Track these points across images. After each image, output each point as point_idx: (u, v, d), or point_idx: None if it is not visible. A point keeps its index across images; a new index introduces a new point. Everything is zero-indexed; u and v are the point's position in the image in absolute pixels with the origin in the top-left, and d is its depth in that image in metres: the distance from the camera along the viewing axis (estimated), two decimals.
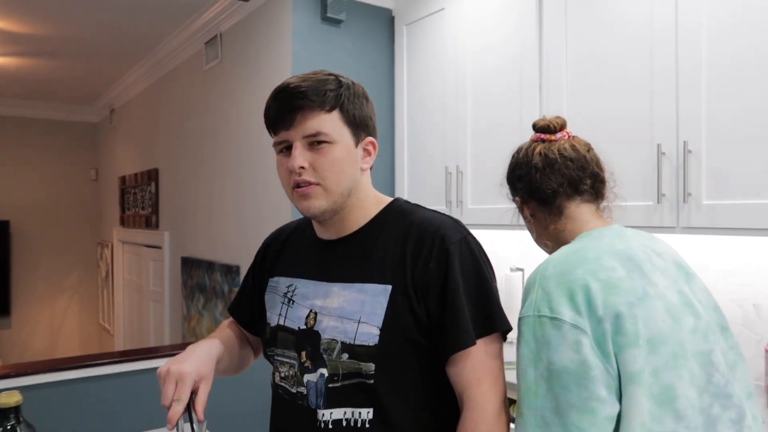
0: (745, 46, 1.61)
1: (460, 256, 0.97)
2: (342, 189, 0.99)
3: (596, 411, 0.84)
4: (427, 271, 0.96)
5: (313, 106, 0.96)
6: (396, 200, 1.09)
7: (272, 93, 1.00)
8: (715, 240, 1.99)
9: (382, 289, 0.97)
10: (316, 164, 0.97)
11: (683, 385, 0.87)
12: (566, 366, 0.86)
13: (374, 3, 2.86)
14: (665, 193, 1.78)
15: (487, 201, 2.37)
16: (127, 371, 2.26)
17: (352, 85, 1.02)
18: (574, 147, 1.10)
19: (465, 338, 0.93)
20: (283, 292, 1.10)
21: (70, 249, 6.20)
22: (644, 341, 0.86)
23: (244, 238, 3.13)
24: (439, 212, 1.06)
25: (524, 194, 1.13)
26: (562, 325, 0.87)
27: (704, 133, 1.69)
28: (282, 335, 1.07)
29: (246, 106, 3.10)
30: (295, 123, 0.97)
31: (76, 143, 6.26)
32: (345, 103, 0.99)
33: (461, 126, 2.47)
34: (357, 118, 1.01)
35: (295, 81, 0.98)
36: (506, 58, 2.30)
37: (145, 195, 4.72)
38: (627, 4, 1.90)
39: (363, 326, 0.96)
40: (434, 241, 0.98)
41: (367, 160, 1.05)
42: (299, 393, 1.02)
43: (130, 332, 5.26)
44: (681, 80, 1.74)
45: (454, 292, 0.94)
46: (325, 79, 0.99)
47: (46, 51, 4.19)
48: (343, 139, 0.99)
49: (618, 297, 0.88)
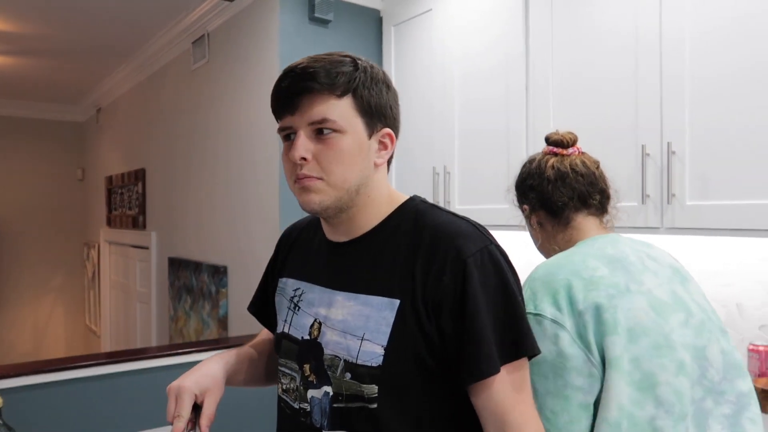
0: (727, 55, 1.63)
1: (480, 269, 0.83)
2: (348, 185, 0.88)
3: (570, 398, 0.92)
4: (440, 286, 0.84)
5: (322, 90, 0.85)
6: (411, 199, 0.96)
7: (281, 74, 0.89)
8: (699, 240, 2.01)
9: (389, 303, 0.86)
10: (320, 156, 0.86)
11: (666, 374, 0.92)
12: (545, 357, 0.93)
13: (362, 3, 2.86)
14: (650, 194, 1.80)
15: (474, 201, 2.38)
16: (113, 373, 2.24)
17: (370, 69, 0.90)
18: (584, 163, 1.17)
19: (486, 366, 0.81)
20: (290, 296, 1.02)
21: (55, 249, 6.14)
22: (623, 330, 0.93)
23: (232, 239, 3.12)
24: (458, 215, 0.92)
25: (534, 203, 1.19)
26: (542, 320, 0.95)
27: (688, 135, 1.71)
28: (286, 344, 0.99)
29: (234, 106, 3.09)
30: (300, 107, 0.86)
31: (62, 143, 6.20)
32: (359, 89, 0.87)
33: (449, 127, 2.48)
34: (373, 106, 0.89)
35: (306, 61, 0.87)
36: (493, 62, 2.30)
37: (132, 195, 4.68)
38: (612, 13, 1.91)
39: (366, 344, 0.86)
40: (448, 251, 0.85)
41: (382, 154, 0.92)
42: (302, 409, 0.93)
43: (116, 333, 5.22)
44: (665, 85, 1.76)
45: (474, 312, 0.82)
46: (340, 60, 0.88)
47: (31, 49, 4.15)
48: (353, 128, 0.87)
49: (598, 291, 0.95)
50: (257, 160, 2.85)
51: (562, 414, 0.92)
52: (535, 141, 2.15)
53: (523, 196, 1.22)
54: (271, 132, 2.71)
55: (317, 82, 0.85)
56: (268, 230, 2.75)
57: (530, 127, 2.17)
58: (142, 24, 3.63)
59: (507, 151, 2.24)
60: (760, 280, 1.85)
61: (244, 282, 2.99)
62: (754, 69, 1.58)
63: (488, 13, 2.32)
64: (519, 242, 2.57)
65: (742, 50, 1.60)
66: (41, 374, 2.09)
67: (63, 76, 4.92)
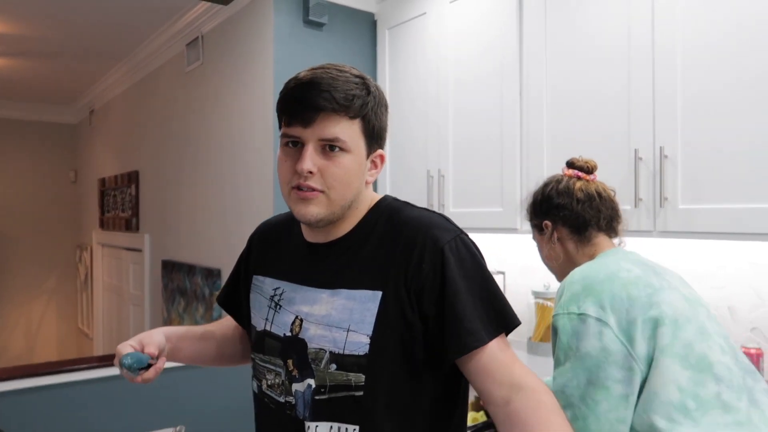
0: (718, 64, 1.64)
1: (456, 254, 0.91)
2: (344, 201, 0.93)
3: (610, 389, 1.02)
4: (420, 274, 0.90)
5: (338, 110, 0.89)
6: (383, 198, 1.03)
7: (294, 81, 0.92)
8: (691, 244, 2.03)
9: (372, 295, 0.92)
10: (325, 171, 0.90)
11: (715, 353, 1.04)
12: (589, 352, 1.04)
13: (356, 6, 2.86)
14: (642, 198, 1.81)
15: (469, 204, 2.39)
16: (106, 376, 2.23)
17: (377, 94, 0.95)
18: (605, 190, 1.34)
19: (470, 340, 0.87)
20: (270, 295, 1.05)
21: (48, 252, 6.11)
22: (669, 320, 1.04)
23: (226, 242, 3.11)
24: (427, 210, 1.00)
25: (558, 220, 1.32)
26: (587, 319, 1.06)
27: (679, 140, 1.72)
28: (269, 342, 1.02)
29: (228, 109, 3.09)
30: (315, 123, 0.89)
31: (55, 144, 6.17)
32: (368, 114, 0.93)
33: (443, 131, 2.49)
34: (375, 131, 0.95)
35: (326, 77, 0.90)
36: (487, 68, 2.31)
37: (126, 197, 4.67)
38: (605, 22, 1.92)
39: (352, 335, 0.91)
40: (425, 241, 0.91)
41: (372, 173, 0.99)
42: (287, 402, 0.98)
43: (109, 336, 5.19)
44: (657, 91, 1.77)
45: (454, 293, 0.89)
46: (356, 83, 0.92)
47: (24, 51, 4.13)
48: (358, 149, 0.93)
49: (638, 290, 1.08)
50: (251, 163, 2.85)
51: (602, 403, 1.02)
52: (529, 146, 2.16)
53: (547, 212, 1.34)
54: (264, 135, 2.71)
55: (337, 103, 0.89)
56: None
57: (524, 132, 2.18)
58: (135, 26, 3.62)
59: (501, 155, 2.25)
60: (752, 283, 1.87)
61: None
62: (744, 77, 1.59)
63: (482, 20, 2.33)
64: (512, 244, 2.58)
65: (733, 59, 1.61)
66: (33, 378, 2.08)
67: (56, 77, 4.90)
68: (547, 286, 2.38)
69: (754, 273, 1.86)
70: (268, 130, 2.68)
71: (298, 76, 0.93)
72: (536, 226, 1.38)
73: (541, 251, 1.40)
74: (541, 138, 2.12)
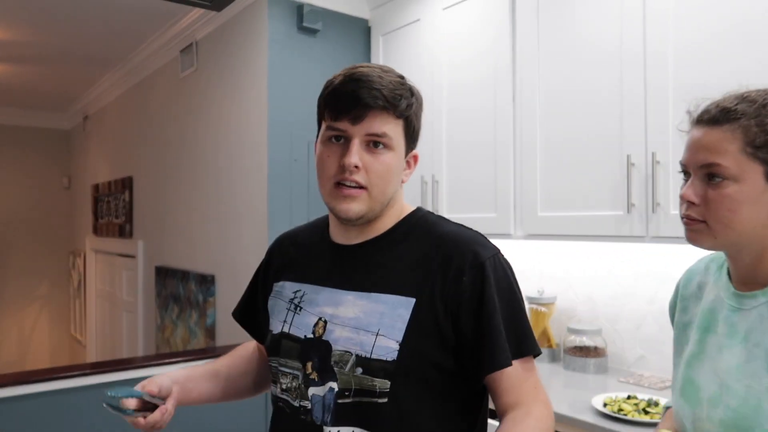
0: (709, 66, 1.66)
1: (494, 273, 0.92)
2: (384, 198, 0.96)
3: None
4: (460, 286, 0.90)
5: (387, 108, 0.92)
6: (418, 209, 1.05)
7: (342, 77, 0.93)
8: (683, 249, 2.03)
9: (404, 301, 0.91)
10: (369, 167, 0.92)
11: None
12: None
13: (351, 13, 2.87)
14: (635, 203, 1.82)
15: (463, 210, 2.39)
16: (99, 383, 2.21)
17: (419, 96, 0.99)
18: None
19: (503, 358, 0.88)
20: (289, 298, 1.04)
21: (41, 258, 6.08)
22: None
23: (220, 248, 3.11)
24: (465, 226, 1.01)
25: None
26: None
27: (671, 146, 1.73)
28: (286, 343, 1.00)
29: (222, 114, 3.09)
30: (365, 118, 0.91)
31: (49, 150, 6.15)
32: (411, 116, 0.97)
33: (437, 137, 2.50)
34: (415, 132, 0.99)
35: (374, 75, 0.92)
36: (481, 73, 2.32)
37: (119, 203, 4.65)
38: (597, 26, 1.94)
39: (381, 339, 0.90)
40: (466, 255, 0.92)
41: (407, 172, 1.01)
42: (302, 407, 0.95)
43: (102, 343, 5.16)
44: (649, 96, 1.79)
45: (492, 310, 0.89)
46: (402, 84, 0.96)
47: (18, 56, 4.12)
48: (399, 147, 0.96)
49: None
50: (246, 169, 2.85)
51: None
52: (522, 151, 2.17)
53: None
54: (259, 141, 2.71)
55: (387, 101, 0.92)
56: (256, 239, 2.74)
57: (517, 138, 2.19)
58: (130, 32, 3.62)
59: (494, 161, 2.26)
60: None
61: (232, 291, 2.97)
62: (735, 79, 1.60)
63: (475, 26, 2.35)
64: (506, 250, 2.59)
65: (723, 62, 1.63)
66: (25, 385, 2.06)
67: (50, 83, 4.89)
68: (541, 291, 2.39)
69: None
70: (262, 135, 2.68)
71: (345, 73, 0.94)
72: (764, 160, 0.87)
73: (744, 208, 0.88)
74: (534, 144, 2.13)
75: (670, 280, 2.05)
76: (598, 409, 1.67)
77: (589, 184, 1.96)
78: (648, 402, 1.69)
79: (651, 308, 2.12)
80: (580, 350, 2.17)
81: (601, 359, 2.14)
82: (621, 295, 2.21)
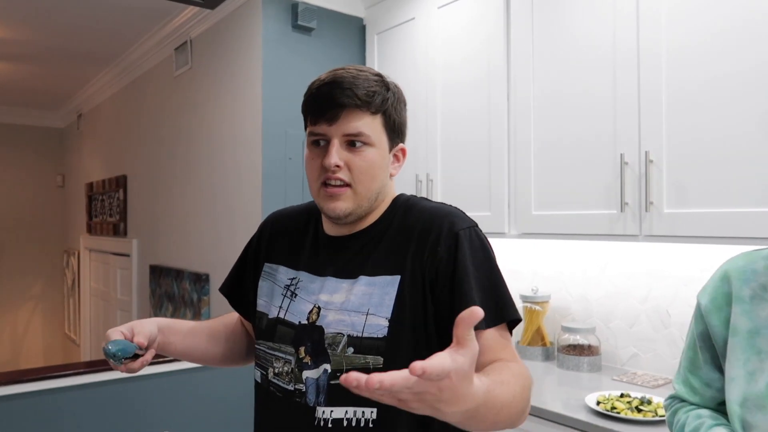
0: (702, 67, 1.66)
1: (470, 243, 0.95)
2: (371, 194, 0.98)
3: None
4: (436, 257, 0.94)
5: (361, 106, 0.94)
6: (400, 195, 1.08)
7: (318, 82, 0.97)
8: (676, 248, 2.05)
9: (390, 279, 0.95)
10: (351, 164, 0.95)
11: None
12: None
13: (345, 11, 2.87)
14: (628, 202, 1.82)
15: None
16: (92, 382, 2.21)
17: (396, 91, 1.01)
18: None
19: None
20: (285, 284, 1.06)
21: (35, 257, 6.05)
22: None
23: (214, 247, 3.10)
24: (446, 204, 1.05)
25: None
26: None
27: (665, 145, 1.74)
28: (281, 329, 1.03)
29: (216, 113, 3.08)
30: (339, 119, 0.94)
31: (42, 149, 6.12)
32: (389, 109, 0.99)
33: (431, 135, 2.50)
34: (396, 125, 1.01)
35: (348, 76, 0.95)
36: (475, 73, 2.33)
37: (113, 202, 4.64)
38: (591, 27, 1.95)
39: (371, 318, 0.93)
40: (442, 227, 0.96)
41: (395, 166, 1.04)
42: (297, 390, 0.98)
43: (96, 342, 5.15)
44: (643, 95, 1.79)
45: (463, 277, 0.92)
46: (375, 80, 0.97)
47: (12, 55, 4.10)
48: (381, 143, 0.98)
49: None
50: (240, 168, 2.84)
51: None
52: (516, 149, 2.17)
53: None
54: (253, 139, 2.70)
55: (359, 99, 0.94)
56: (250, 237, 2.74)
57: (511, 136, 2.20)
58: (124, 30, 3.61)
59: (488, 160, 2.27)
60: None
61: None
62: (728, 80, 1.61)
63: (470, 25, 2.35)
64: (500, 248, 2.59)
65: (716, 63, 1.63)
66: (18, 384, 2.06)
67: (43, 81, 4.87)
68: (535, 290, 2.40)
69: None
70: (256, 134, 2.68)
71: (320, 78, 0.98)
72: None
73: None
74: (528, 142, 2.13)
75: (663, 278, 2.07)
76: (591, 407, 1.68)
77: (582, 183, 1.97)
78: (641, 400, 1.70)
79: (644, 307, 2.13)
80: (574, 348, 2.18)
81: (595, 357, 2.15)
82: (614, 294, 2.22)
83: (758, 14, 1.55)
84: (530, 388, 0.89)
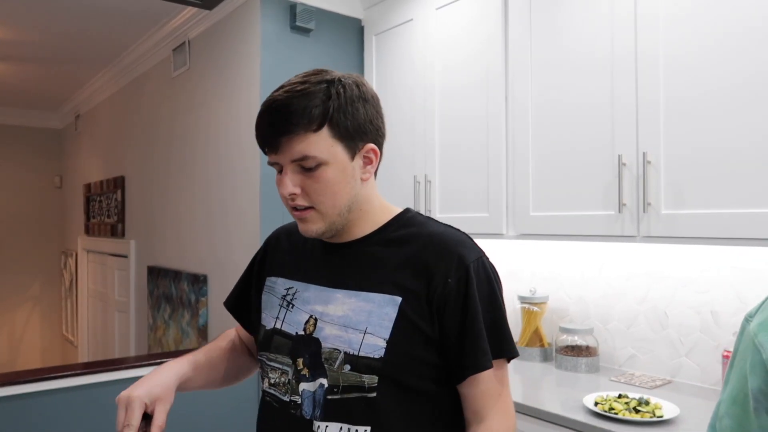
0: (699, 71, 1.67)
1: (476, 276, 0.94)
2: (339, 210, 0.95)
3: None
4: (446, 287, 0.92)
5: (298, 130, 0.89)
6: (407, 210, 1.05)
7: (260, 109, 0.94)
8: (674, 249, 2.05)
9: (390, 299, 0.93)
10: (308, 189, 0.93)
11: None
12: None
13: (344, 12, 2.87)
14: (626, 203, 1.83)
15: (455, 210, 2.40)
16: (90, 383, 2.21)
17: (342, 92, 0.92)
18: None
19: (485, 360, 0.92)
20: (282, 295, 1.05)
21: (32, 258, 6.04)
22: None
23: (212, 248, 3.10)
24: (452, 227, 1.02)
25: None
26: None
27: (662, 146, 1.74)
28: (278, 339, 1.02)
29: (214, 114, 3.08)
30: (281, 147, 0.91)
31: (40, 150, 6.11)
32: (334, 117, 0.90)
33: (429, 137, 2.50)
34: (350, 129, 0.92)
35: (281, 98, 0.90)
36: (474, 76, 2.33)
37: (111, 203, 4.63)
38: (589, 31, 1.95)
39: (369, 337, 0.92)
40: (452, 257, 0.94)
41: (368, 168, 0.98)
42: (293, 402, 0.97)
43: (94, 343, 5.14)
44: (641, 98, 1.80)
45: (475, 313, 0.92)
46: (313, 92, 0.90)
47: (9, 56, 4.09)
48: (335, 157, 0.92)
49: None
50: (237, 169, 2.84)
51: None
52: (515, 151, 2.18)
53: None
54: (251, 141, 2.70)
55: (292, 123, 0.89)
56: (248, 239, 2.74)
57: (510, 138, 2.20)
58: (122, 31, 3.61)
59: (486, 161, 2.27)
60: (734, 287, 1.89)
61: (224, 291, 2.97)
62: (726, 84, 1.62)
63: (468, 27, 2.35)
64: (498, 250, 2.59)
65: (714, 67, 1.64)
66: (16, 385, 2.05)
67: (41, 82, 4.86)
68: (533, 291, 2.40)
69: (736, 277, 1.88)
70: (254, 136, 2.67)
71: (261, 106, 0.94)
72: None
73: None
74: (526, 144, 2.14)
75: (661, 279, 2.07)
76: (589, 408, 1.68)
77: (580, 184, 1.97)
78: (639, 401, 1.70)
79: (642, 308, 2.13)
80: (572, 349, 2.18)
81: (593, 358, 2.15)
82: (612, 295, 2.23)
83: (755, 19, 1.56)
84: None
